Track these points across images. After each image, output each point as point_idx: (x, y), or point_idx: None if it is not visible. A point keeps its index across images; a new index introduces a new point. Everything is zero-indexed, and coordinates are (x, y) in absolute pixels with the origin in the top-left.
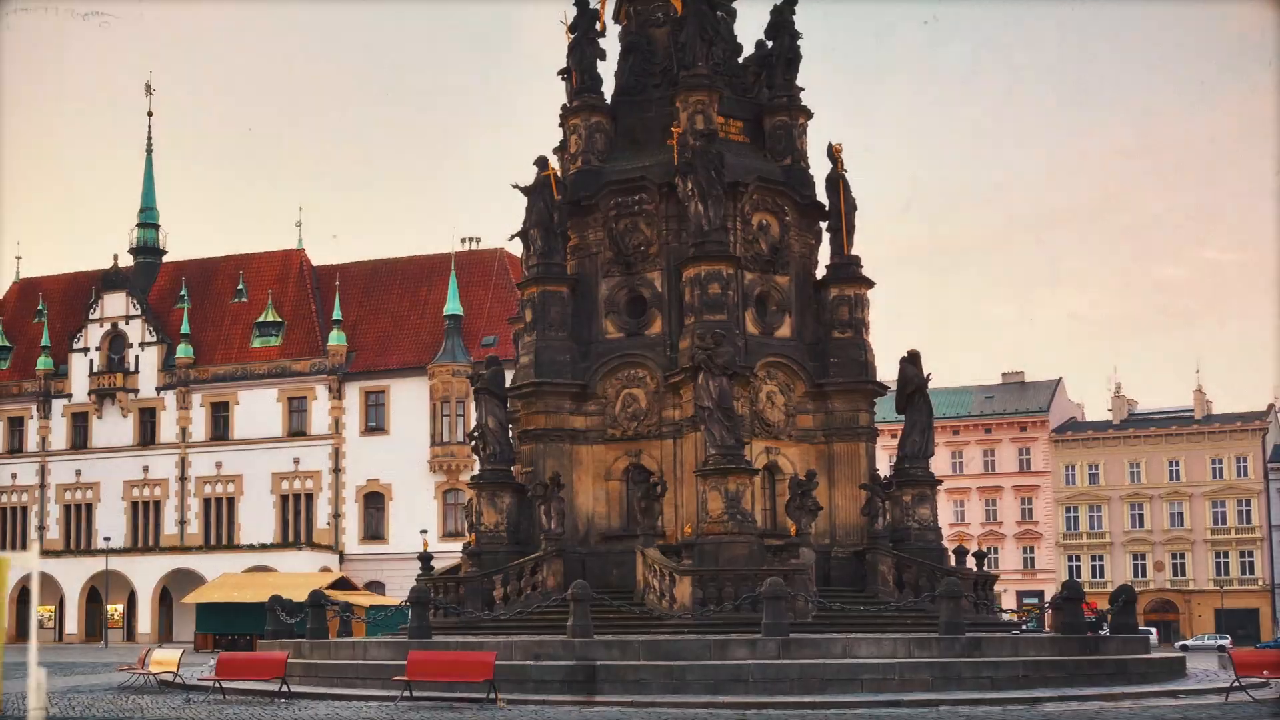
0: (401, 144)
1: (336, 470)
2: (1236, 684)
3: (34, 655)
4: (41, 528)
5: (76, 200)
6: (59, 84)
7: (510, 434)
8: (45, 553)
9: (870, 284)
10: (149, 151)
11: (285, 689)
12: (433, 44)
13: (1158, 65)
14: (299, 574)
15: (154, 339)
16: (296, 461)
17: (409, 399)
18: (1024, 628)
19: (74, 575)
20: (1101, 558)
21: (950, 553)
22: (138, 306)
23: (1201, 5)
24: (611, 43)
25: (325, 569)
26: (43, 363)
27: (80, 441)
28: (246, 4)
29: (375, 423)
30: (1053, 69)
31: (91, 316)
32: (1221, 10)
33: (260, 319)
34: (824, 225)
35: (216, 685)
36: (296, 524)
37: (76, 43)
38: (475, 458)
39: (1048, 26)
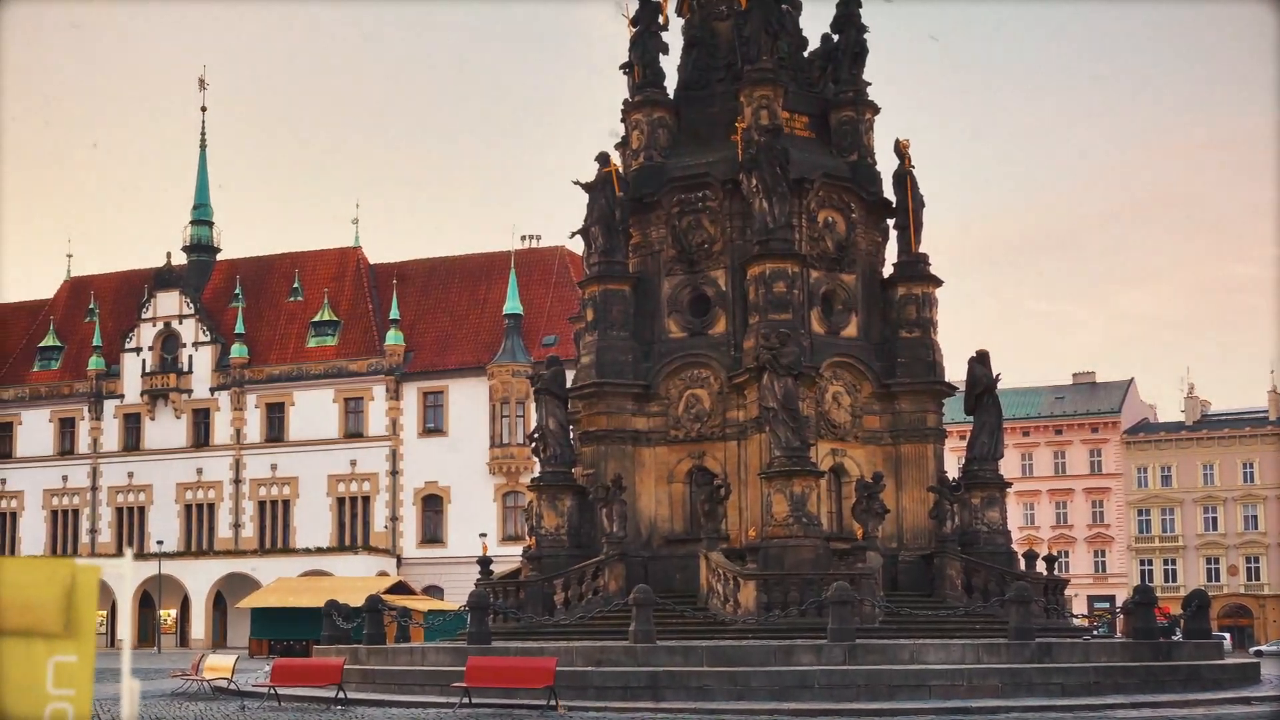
0: (461, 140)
1: (394, 472)
2: None
3: (128, 663)
4: (93, 531)
5: (128, 197)
6: (111, 79)
7: (571, 435)
8: (96, 556)
9: (938, 282)
10: (203, 147)
11: (341, 695)
12: (493, 38)
13: (1233, 60)
14: (355, 578)
15: (208, 339)
16: (353, 463)
17: (468, 400)
18: (1095, 633)
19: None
20: (1174, 561)
21: (1020, 556)
22: (191, 305)
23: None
24: (674, 36)
25: (382, 573)
26: (94, 363)
27: (133, 443)
28: None
29: (433, 424)
30: (1126, 63)
31: (144, 316)
32: None
33: (316, 318)
34: (891, 222)
35: (271, 692)
36: (353, 527)
37: (129, 37)
38: (535, 459)
39: (1121, 20)
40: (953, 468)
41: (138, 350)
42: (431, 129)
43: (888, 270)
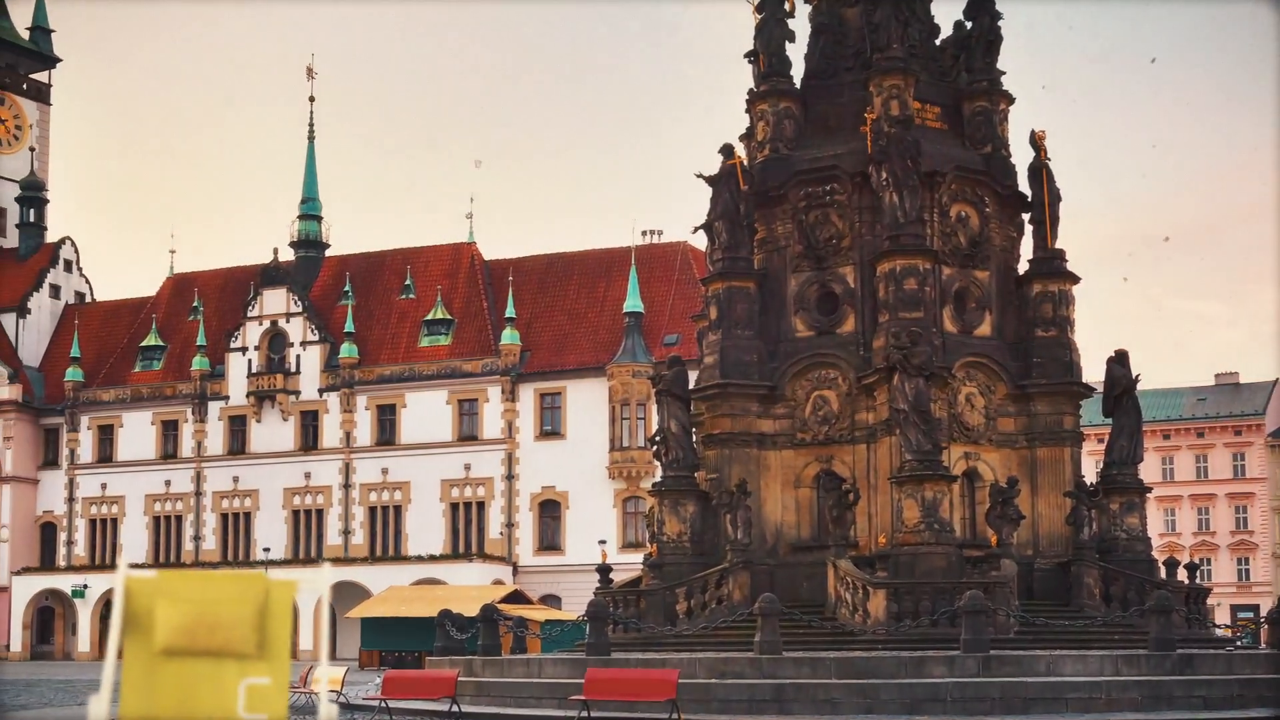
0: (579, 131)
1: (509, 477)
2: None
3: (325, 684)
4: (197, 538)
5: (234, 191)
6: (217, 68)
7: (694, 438)
8: (200, 564)
9: (1076, 279)
10: (310, 139)
11: (455, 709)
12: (613, 26)
13: None
14: (470, 587)
15: (316, 338)
16: (467, 468)
17: (586, 401)
18: (1238, 644)
19: None
20: None
21: (1160, 564)
22: (299, 303)
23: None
24: (801, 24)
25: (498, 581)
26: (198, 363)
27: (238, 446)
28: None
29: (551, 426)
30: (1261, 54)
31: (250, 314)
32: None
33: (429, 316)
34: (1026, 217)
35: (382, 705)
36: (467, 534)
37: (235, 25)
38: (656, 463)
39: (1256, 12)
40: (1090, 472)
41: (243, 350)
42: (549, 120)
43: (1023, 267)
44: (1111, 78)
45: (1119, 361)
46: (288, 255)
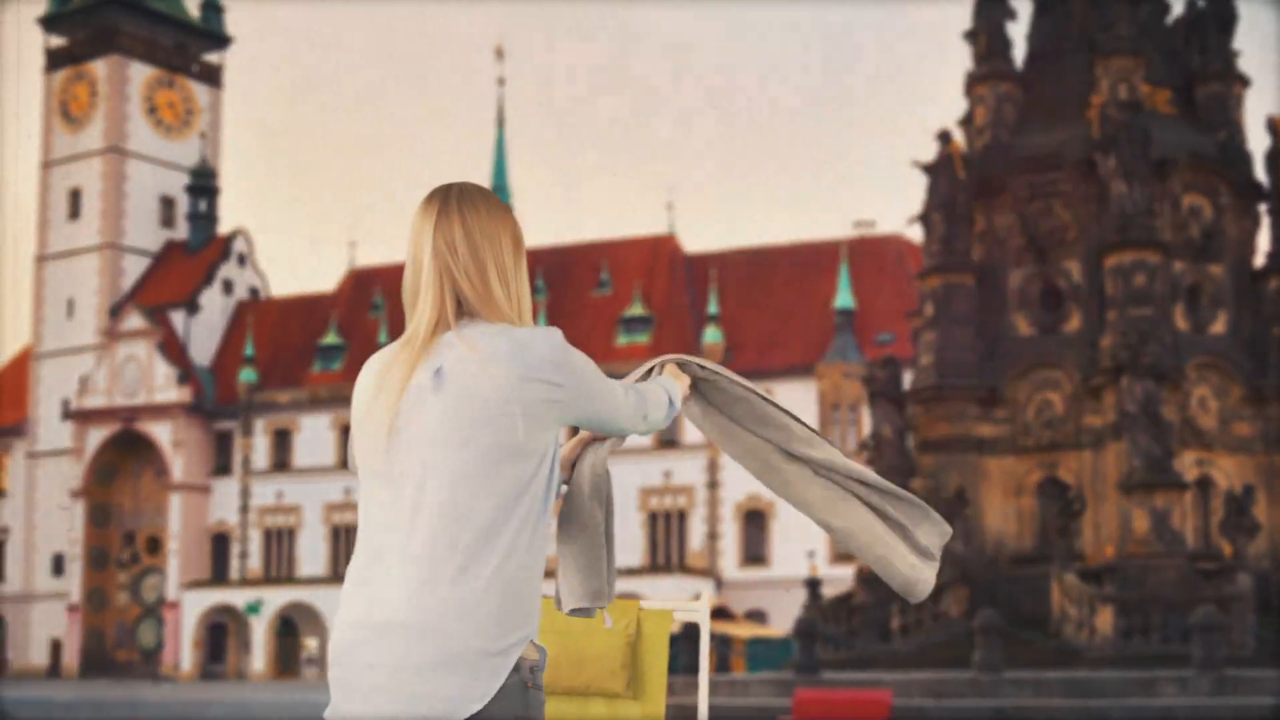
0: (785, 116)
1: (712, 485)
2: None
3: (704, 692)
4: None
5: (417, 180)
6: (400, 50)
7: (909, 443)
8: None
9: None
10: (500, 124)
11: None
12: (823, 6)
13: None
14: (670, 602)
15: None
16: (667, 475)
17: (794, 403)
18: None
19: None
20: None
21: None
22: None
23: None
24: (1023, 1)
25: (699, 596)
26: None
27: None
28: None
29: None
30: None
31: None
32: None
33: (626, 313)
34: (1263, 208)
35: None
36: (667, 545)
37: (419, 4)
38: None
39: None
40: None
41: None
42: (753, 104)
43: (1260, 261)
44: None
45: None
46: None
